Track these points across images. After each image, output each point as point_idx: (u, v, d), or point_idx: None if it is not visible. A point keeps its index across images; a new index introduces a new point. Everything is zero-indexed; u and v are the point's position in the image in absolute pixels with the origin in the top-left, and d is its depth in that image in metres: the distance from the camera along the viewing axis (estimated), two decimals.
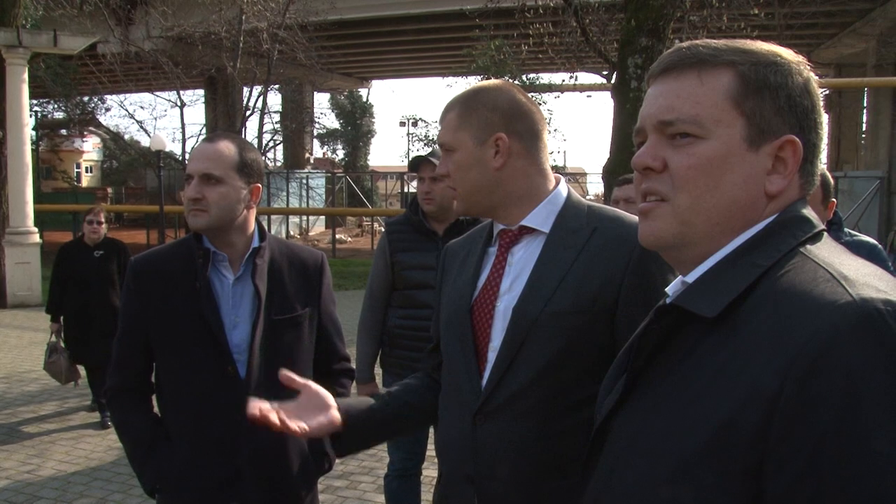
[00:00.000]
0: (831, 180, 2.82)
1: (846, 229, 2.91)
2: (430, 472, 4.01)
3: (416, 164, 3.61)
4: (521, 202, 1.69)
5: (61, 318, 6.47)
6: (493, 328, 1.65)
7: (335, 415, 1.62)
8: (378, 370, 3.75)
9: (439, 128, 1.76)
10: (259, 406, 1.50)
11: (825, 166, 2.93)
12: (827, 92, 28.58)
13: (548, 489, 1.60)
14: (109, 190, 34.49)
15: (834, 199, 2.82)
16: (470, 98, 1.71)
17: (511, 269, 1.68)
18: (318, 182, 33.39)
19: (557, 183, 1.74)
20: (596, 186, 49.93)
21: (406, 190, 33.15)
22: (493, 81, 1.79)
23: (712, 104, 0.99)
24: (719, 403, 0.87)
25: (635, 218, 1.66)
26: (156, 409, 2.27)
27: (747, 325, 0.90)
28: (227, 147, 2.13)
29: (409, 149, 40.05)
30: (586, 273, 1.60)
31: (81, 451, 5.72)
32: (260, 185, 2.21)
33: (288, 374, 1.63)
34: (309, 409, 1.61)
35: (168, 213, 19.92)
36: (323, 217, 32.33)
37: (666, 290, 1.11)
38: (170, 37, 21.46)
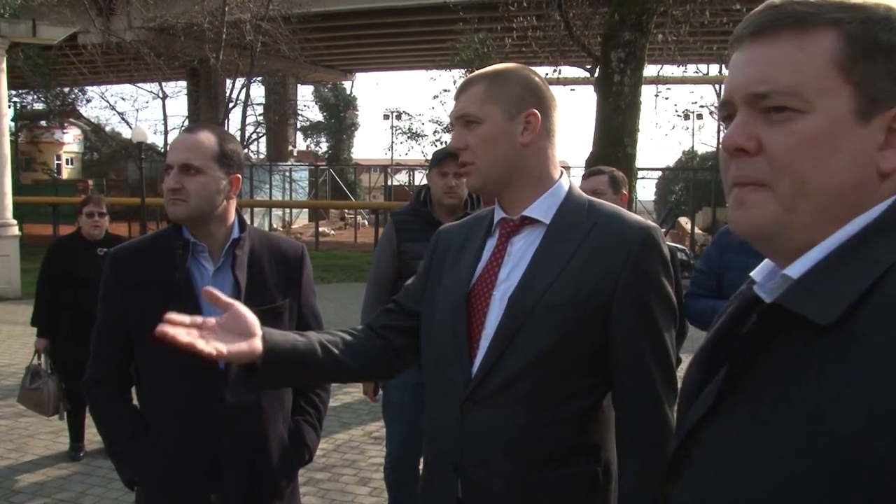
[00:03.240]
0: None
1: None
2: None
3: (441, 159, 3.63)
4: (533, 184, 1.69)
5: (50, 331, 5.32)
6: (488, 316, 1.66)
7: (256, 344, 1.52)
8: None
9: (456, 103, 1.73)
10: (169, 322, 1.44)
11: None
12: None
13: (534, 480, 1.61)
14: (90, 182, 34.15)
15: None
16: (499, 74, 1.70)
17: (510, 258, 1.69)
18: (302, 175, 33.25)
19: (561, 174, 1.74)
20: (580, 180, 50.06)
21: (390, 183, 33.10)
22: (513, 63, 1.79)
23: (814, 72, 0.85)
24: (842, 425, 0.75)
25: (635, 216, 1.69)
26: (135, 402, 2.26)
27: (874, 336, 0.77)
28: (206, 137, 2.12)
29: (392, 142, 40.01)
30: (584, 267, 1.60)
31: (61, 445, 5.67)
32: (240, 176, 2.20)
33: (211, 290, 1.54)
34: (232, 331, 1.52)
35: (150, 206, 19.77)
36: (306, 210, 32.21)
37: (752, 274, 0.99)
38: (151, 27, 21.27)
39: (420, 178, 33.65)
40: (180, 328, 1.45)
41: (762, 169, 0.87)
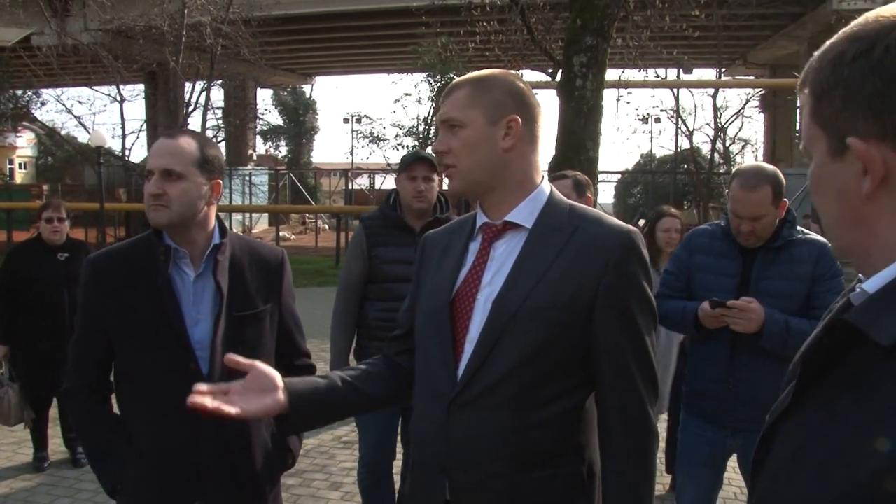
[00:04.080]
0: (783, 180, 2.90)
1: (798, 227, 2.98)
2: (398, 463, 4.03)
3: (409, 163, 3.66)
4: (514, 189, 1.72)
5: (10, 339, 5.19)
6: (472, 320, 1.69)
7: (280, 397, 1.66)
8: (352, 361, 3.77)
9: (441, 107, 1.77)
10: (196, 395, 1.56)
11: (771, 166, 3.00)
12: (762, 92, 29.42)
13: (520, 481, 1.64)
14: (45, 186, 33.44)
15: (786, 199, 2.89)
16: (483, 79, 1.74)
17: (493, 263, 1.72)
18: (262, 179, 32.99)
19: (542, 179, 1.78)
20: None
21: (350, 187, 32.98)
22: (499, 70, 1.83)
23: (807, 126, 0.96)
24: (880, 446, 0.79)
25: (616, 220, 1.73)
26: (115, 409, 2.24)
27: None
28: (187, 143, 2.12)
29: (352, 145, 39.87)
30: (566, 271, 1.64)
31: (23, 455, 5.55)
32: (220, 181, 2.20)
33: (233, 357, 1.66)
34: (255, 389, 1.65)
35: (108, 211, 19.43)
36: (266, 214, 31.94)
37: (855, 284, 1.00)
38: (109, 30, 20.92)
39: (381, 182, 33.63)
40: (207, 396, 1.58)
41: None
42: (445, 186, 1.87)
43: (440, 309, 1.73)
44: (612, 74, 12.18)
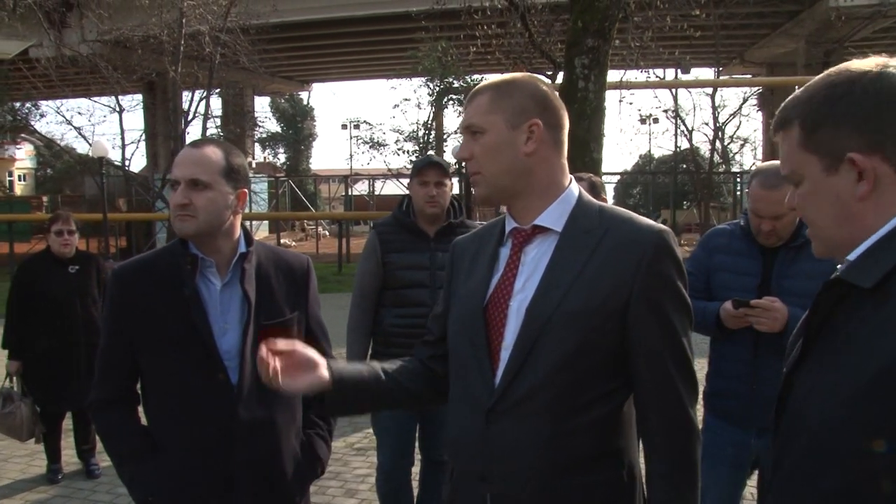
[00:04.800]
0: None
1: None
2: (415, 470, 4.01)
3: (421, 168, 3.66)
4: (542, 194, 1.71)
5: (23, 353, 5.15)
6: (507, 327, 1.68)
7: (323, 373, 1.71)
8: None
9: (466, 112, 1.76)
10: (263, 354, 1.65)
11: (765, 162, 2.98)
12: (760, 90, 29.44)
13: (561, 487, 1.63)
14: (45, 198, 33.41)
15: None
16: (505, 84, 1.73)
17: (524, 268, 1.71)
18: (261, 187, 32.93)
19: (570, 182, 1.77)
20: None
21: (350, 193, 32.97)
22: (523, 73, 1.82)
23: (794, 155, 1.27)
24: (878, 355, 1.09)
25: (646, 220, 1.72)
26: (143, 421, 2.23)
27: None
28: (213, 152, 2.11)
29: (351, 151, 39.89)
30: (598, 274, 1.63)
31: (37, 468, 5.53)
32: (246, 191, 2.19)
33: (273, 342, 1.69)
34: (298, 367, 1.70)
35: (110, 221, 19.41)
36: (266, 222, 31.90)
37: (838, 267, 1.28)
38: (107, 41, 20.92)
39: (380, 188, 33.60)
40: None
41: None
42: (457, 191, 1.86)
43: (474, 316, 1.72)
44: (613, 76, 12.19)
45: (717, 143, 27.40)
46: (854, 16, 20.01)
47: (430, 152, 20.90)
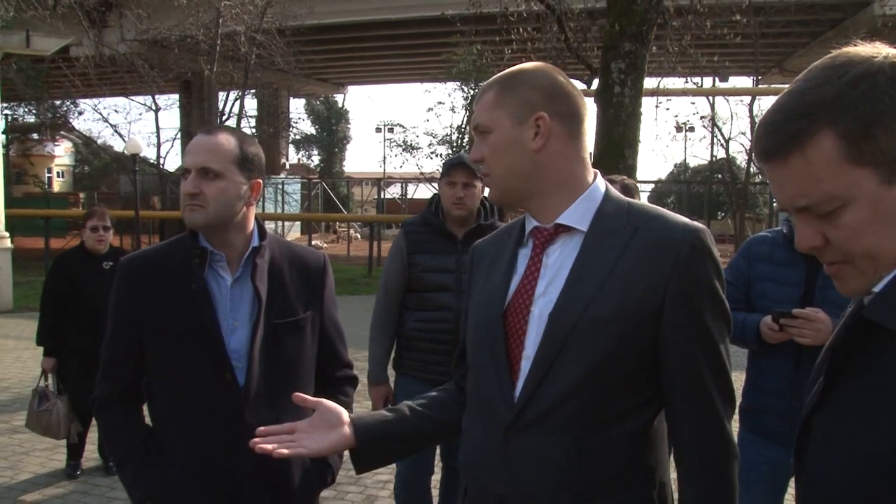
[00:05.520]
0: None
1: None
2: (435, 477, 3.90)
3: (449, 168, 3.57)
4: (559, 192, 1.57)
5: (58, 350, 5.10)
6: (527, 335, 1.54)
7: (346, 432, 1.62)
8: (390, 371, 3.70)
9: (475, 112, 1.65)
10: (259, 439, 1.57)
11: None
12: None
13: None
14: (81, 195, 33.90)
15: None
16: (509, 77, 1.60)
17: (546, 270, 1.56)
18: (294, 188, 33.14)
19: (595, 177, 1.62)
20: None
21: (382, 196, 33.03)
22: (532, 63, 1.68)
23: (833, 176, 0.97)
24: None
25: (680, 217, 1.56)
26: (147, 420, 2.13)
27: None
28: (226, 139, 2.01)
29: (384, 154, 40.02)
30: (629, 276, 1.48)
31: (57, 462, 5.50)
32: (261, 181, 2.08)
33: (301, 395, 1.65)
34: (322, 426, 1.61)
35: (143, 219, 19.59)
36: (298, 223, 32.08)
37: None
38: (145, 40, 21.16)
39: (413, 191, 33.64)
40: (272, 437, 1.59)
41: (837, 253, 1.01)
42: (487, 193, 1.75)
43: (492, 323, 1.58)
44: (650, 82, 12.01)
45: (753, 154, 26.98)
46: (890, 24, 19.53)
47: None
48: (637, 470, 1.53)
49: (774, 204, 29.02)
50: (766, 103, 29.61)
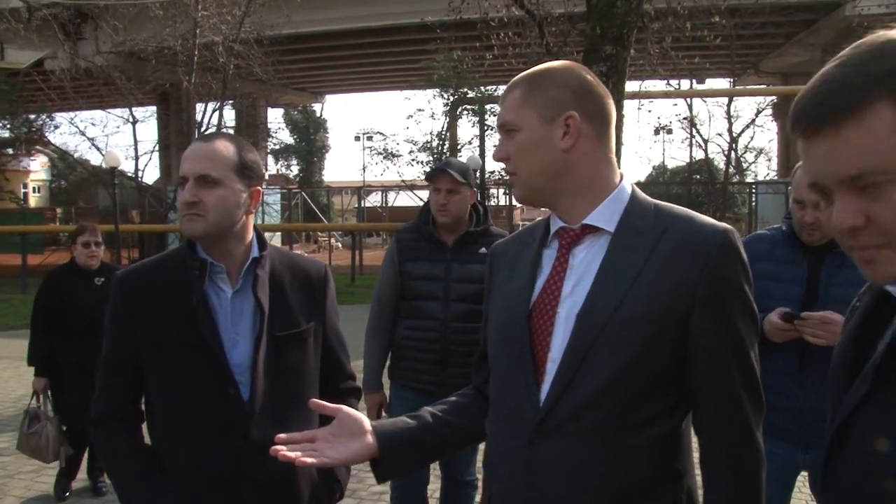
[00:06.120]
0: None
1: None
2: (433, 485, 3.83)
3: (433, 175, 3.56)
4: (586, 192, 1.54)
5: (50, 370, 4.95)
6: (554, 336, 1.50)
7: (369, 440, 1.56)
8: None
9: (500, 109, 1.61)
10: (280, 447, 1.50)
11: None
12: (776, 100, 29.21)
13: None
14: (58, 210, 33.50)
15: None
16: (537, 75, 1.56)
17: (573, 271, 1.53)
18: (274, 198, 32.94)
19: (621, 178, 1.59)
20: None
21: (363, 205, 32.93)
22: (560, 61, 1.64)
23: (891, 146, 0.90)
24: None
25: (707, 218, 1.53)
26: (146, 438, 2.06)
27: None
28: (224, 146, 1.94)
29: (364, 163, 39.91)
30: (657, 278, 1.45)
31: (43, 484, 5.37)
32: (260, 189, 2.02)
33: (319, 402, 1.59)
34: (343, 434, 1.55)
35: (123, 233, 19.35)
36: (279, 234, 31.91)
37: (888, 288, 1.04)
38: (121, 51, 20.94)
39: (393, 199, 33.55)
40: (292, 445, 1.52)
41: (877, 235, 0.94)
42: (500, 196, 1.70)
43: (516, 323, 1.54)
44: (631, 86, 12.04)
45: (732, 154, 27.18)
46: (873, 23, 19.81)
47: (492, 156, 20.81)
48: (665, 475, 1.50)
49: (753, 203, 29.29)
50: (740, 105, 29.94)
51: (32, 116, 25.33)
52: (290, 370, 2.02)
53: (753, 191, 30.72)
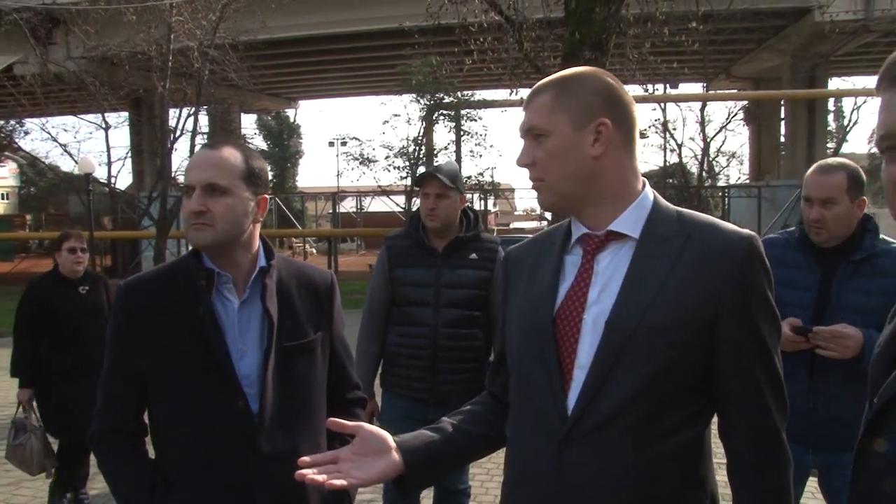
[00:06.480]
0: (864, 178, 2.72)
1: (882, 236, 2.77)
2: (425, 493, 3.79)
3: (421, 180, 3.53)
4: (612, 200, 1.53)
5: (34, 381, 4.78)
6: (580, 343, 1.49)
7: (395, 457, 1.54)
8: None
9: (524, 114, 1.58)
10: (305, 471, 1.46)
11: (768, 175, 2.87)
12: (746, 105, 29.57)
13: None
14: (28, 217, 32.99)
15: (865, 198, 2.72)
16: (567, 80, 1.55)
17: (598, 277, 1.52)
18: None
19: (644, 185, 1.59)
20: (525, 202, 50.41)
21: (337, 210, 32.81)
22: (585, 67, 1.63)
23: None
24: None
25: (731, 225, 1.53)
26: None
27: None
28: (231, 154, 1.91)
29: (339, 169, 39.80)
30: (683, 285, 1.45)
31: (21, 497, 5.27)
32: (267, 197, 1.99)
33: (338, 421, 1.57)
34: (367, 452, 1.52)
35: (95, 240, 19.07)
36: None
37: None
38: (93, 57, 20.64)
39: (368, 204, 33.51)
40: (315, 468, 1.49)
41: None
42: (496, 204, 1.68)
43: (541, 329, 1.53)
44: None
45: (705, 158, 27.52)
46: (841, 30, 20.17)
47: (421, 168, 20.76)
48: (691, 482, 1.50)
49: (726, 206, 29.61)
50: (713, 108, 30.22)
51: (2, 122, 24.92)
52: (299, 381, 1.98)
53: (726, 194, 31.09)
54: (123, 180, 28.43)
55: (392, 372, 3.59)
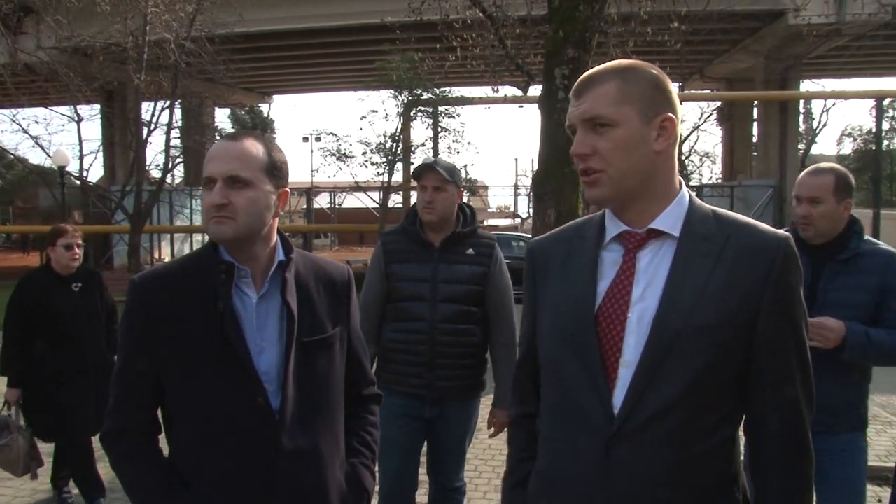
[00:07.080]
0: (853, 182, 2.89)
1: (866, 237, 2.90)
2: (421, 496, 3.77)
3: (419, 173, 3.49)
4: (661, 196, 1.53)
5: (25, 380, 4.65)
6: (625, 341, 1.48)
7: None
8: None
9: (576, 102, 1.53)
10: None
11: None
12: (720, 105, 29.86)
13: None
14: None
15: (850, 200, 2.84)
16: (628, 70, 1.52)
17: (641, 275, 1.51)
18: None
19: (681, 184, 1.59)
20: (498, 199, 50.46)
21: (311, 206, 32.59)
22: (635, 60, 1.60)
23: None
24: None
25: (767, 226, 1.54)
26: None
27: None
28: (253, 146, 1.86)
29: (314, 164, 39.54)
30: (726, 284, 1.45)
31: (2, 497, 5.15)
32: (288, 191, 1.95)
33: None
34: None
35: None
36: None
37: None
38: (66, 47, 20.26)
39: (342, 200, 33.29)
40: None
41: None
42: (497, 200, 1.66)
43: (583, 327, 1.51)
44: None
45: (678, 157, 27.84)
46: (816, 33, 20.46)
47: (399, 164, 20.68)
48: (729, 477, 1.52)
49: None
50: (686, 108, 30.50)
51: None
52: (319, 377, 1.95)
53: (699, 194, 31.39)
54: (95, 173, 27.95)
55: (388, 368, 3.56)
